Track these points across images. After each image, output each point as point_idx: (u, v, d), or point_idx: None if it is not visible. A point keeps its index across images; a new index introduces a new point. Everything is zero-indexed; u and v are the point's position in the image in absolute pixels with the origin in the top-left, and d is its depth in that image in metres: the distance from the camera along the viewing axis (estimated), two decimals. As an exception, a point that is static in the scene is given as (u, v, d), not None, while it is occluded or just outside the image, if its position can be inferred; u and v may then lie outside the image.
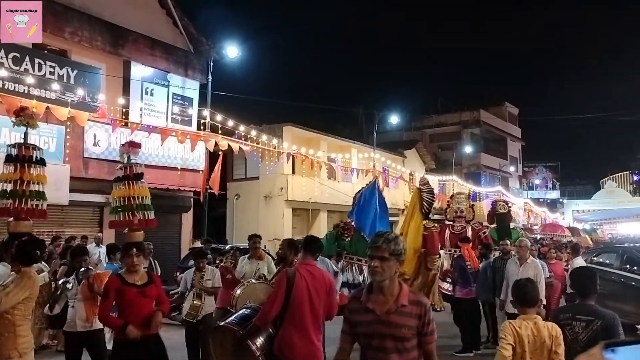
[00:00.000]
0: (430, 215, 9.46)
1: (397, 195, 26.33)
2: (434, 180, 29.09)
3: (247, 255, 7.30)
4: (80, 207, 12.29)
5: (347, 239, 7.74)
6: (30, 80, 11.31)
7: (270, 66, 72.85)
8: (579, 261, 9.35)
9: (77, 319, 5.29)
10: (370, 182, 9.53)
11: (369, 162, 23.02)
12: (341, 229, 7.91)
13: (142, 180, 5.93)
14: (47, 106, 11.16)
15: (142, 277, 4.55)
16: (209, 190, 14.93)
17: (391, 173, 23.53)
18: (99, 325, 5.21)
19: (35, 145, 5.65)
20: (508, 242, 8.33)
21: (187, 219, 15.91)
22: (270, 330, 4.17)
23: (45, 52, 12.32)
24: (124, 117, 13.08)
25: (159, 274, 8.66)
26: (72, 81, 12.32)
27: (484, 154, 41.43)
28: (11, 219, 5.35)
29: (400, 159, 28.79)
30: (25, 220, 5.40)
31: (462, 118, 40.80)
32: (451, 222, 10.00)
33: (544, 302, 7.16)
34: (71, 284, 5.36)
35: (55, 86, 11.82)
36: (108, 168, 12.79)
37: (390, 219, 28.93)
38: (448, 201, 10.77)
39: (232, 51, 15.95)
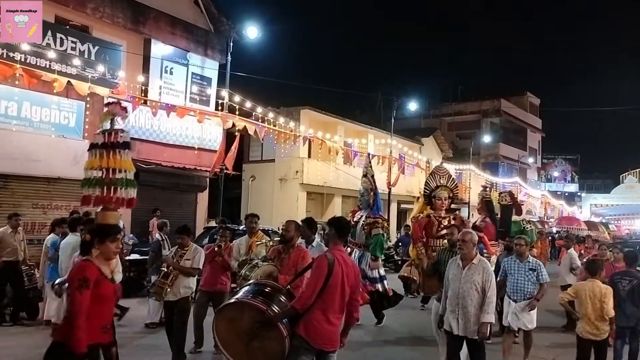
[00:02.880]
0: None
1: (413, 183, 26.19)
2: (450, 169, 28.86)
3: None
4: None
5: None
6: (51, 55, 11.38)
7: (289, 48, 72.47)
8: (573, 252, 10.04)
9: None
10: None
11: (385, 148, 22.88)
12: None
13: (127, 151, 4.96)
14: (68, 81, 11.26)
15: (110, 270, 3.79)
16: (224, 170, 14.99)
17: (407, 160, 23.38)
18: None
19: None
20: (455, 232, 6.49)
21: (203, 198, 16.02)
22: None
23: (68, 27, 12.39)
24: (143, 95, 13.15)
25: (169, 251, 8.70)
26: (93, 57, 12.37)
27: (503, 144, 40.92)
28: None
29: (417, 147, 28.58)
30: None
31: (482, 107, 40.26)
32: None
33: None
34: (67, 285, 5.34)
35: (76, 62, 11.88)
36: (126, 145, 12.90)
37: (404, 206, 28.82)
38: (479, 193, 10.82)
39: (252, 32, 15.87)
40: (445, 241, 7.53)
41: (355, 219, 9.14)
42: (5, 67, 10.36)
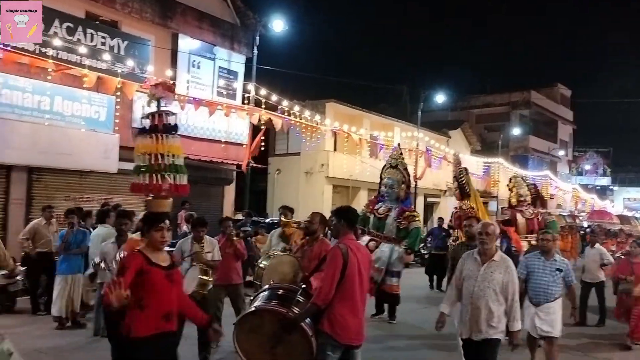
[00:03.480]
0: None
1: (440, 176, 25.91)
2: (478, 162, 28.46)
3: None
4: (128, 175, 12.53)
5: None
6: (82, 50, 11.60)
7: (315, 42, 72.35)
8: (602, 248, 9.78)
9: None
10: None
11: (412, 141, 22.67)
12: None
13: (175, 135, 4.73)
14: (98, 76, 11.47)
15: (165, 258, 3.70)
16: (250, 164, 15.12)
17: (434, 153, 23.13)
18: None
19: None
20: (473, 224, 6.04)
21: (230, 191, 16.18)
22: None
23: (97, 22, 12.61)
24: (171, 89, 13.30)
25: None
26: (122, 52, 12.58)
27: (533, 136, 40.08)
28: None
29: (445, 139, 28.23)
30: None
31: (511, 99, 39.48)
32: (520, 208, 9.56)
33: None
34: (103, 265, 5.36)
35: (107, 57, 12.09)
36: (155, 139, 13.10)
37: (431, 199, 28.62)
38: (508, 185, 10.43)
39: (278, 25, 15.88)
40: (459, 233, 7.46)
41: (380, 212, 8.89)
42: (38, 62, 10.63)
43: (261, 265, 5.84)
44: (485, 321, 4.32)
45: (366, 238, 8.63)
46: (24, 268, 8.63)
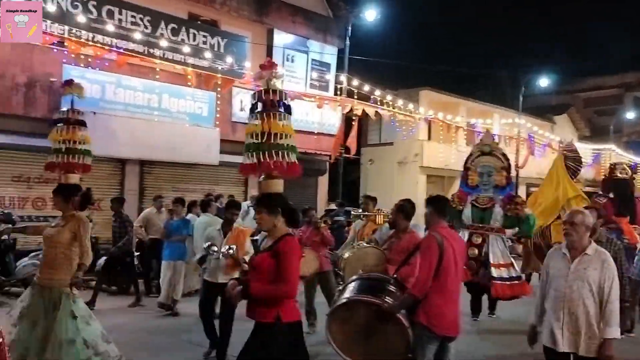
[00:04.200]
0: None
1: (543, 165, 24.41)
2: (587, 149, 26.46)
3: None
4: (228, 167, 13.21)
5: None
6: (186, 49, 12.32)
7: (408, 29, 70.82)
8: None
9: (219, 270, 5.55)
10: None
11: (512, 128, 21.59)
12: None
13: (289, 115, 4.47)
14: (200, 73, 12.13)
15: (271, 239, 3.47)
16: (344, 154, 15.26)
17: (537, 140, 21.89)
18: None
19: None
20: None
21: (323, 182, 16.44)
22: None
23: (199, 22, 13.32)
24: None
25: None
26: (222, 50, 13.19)
27: (651, 120, 36.52)
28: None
29: (549, 125, 26.59)
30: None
31: (624, 79, 36.16)
32: None
33: None
34: (216, 248, 5.61)
35: (207, 54, 12.74)
36: (252, 132, 13.64)
37: (533, 189, 27.16)
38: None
39: (370, 15, 15.81)
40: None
41: (481, 203, 8.20)
42: (147, 62, 11.47)
43: (344, 256, 5.85)
44: (586, 333, 3.58)
45: (466, 232, 8.18)
46: (137, 253, 9.38)
